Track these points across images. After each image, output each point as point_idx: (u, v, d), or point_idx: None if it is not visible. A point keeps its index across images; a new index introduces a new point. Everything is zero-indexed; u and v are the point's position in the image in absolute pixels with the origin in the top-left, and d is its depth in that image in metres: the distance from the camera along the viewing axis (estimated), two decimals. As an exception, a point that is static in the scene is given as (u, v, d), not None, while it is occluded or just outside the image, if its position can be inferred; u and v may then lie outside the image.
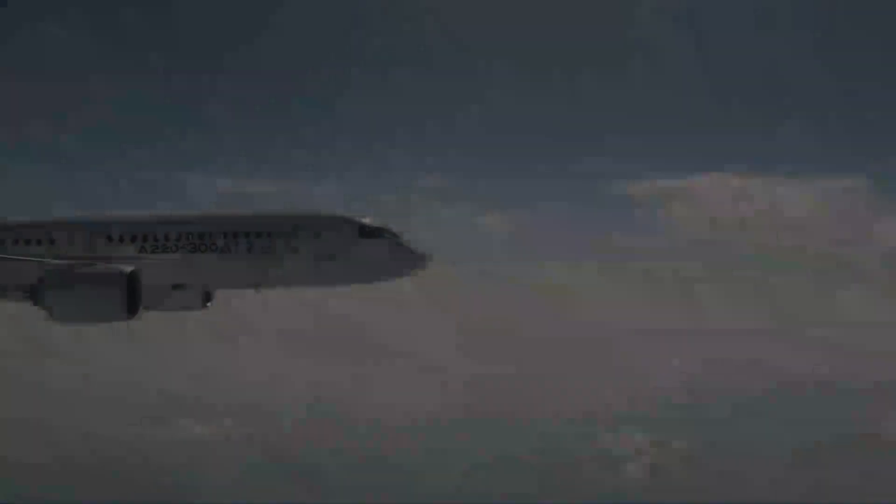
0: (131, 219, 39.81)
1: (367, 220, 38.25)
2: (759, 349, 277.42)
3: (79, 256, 37.42)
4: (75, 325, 36.33)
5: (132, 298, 34.76)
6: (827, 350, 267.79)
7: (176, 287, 39.05)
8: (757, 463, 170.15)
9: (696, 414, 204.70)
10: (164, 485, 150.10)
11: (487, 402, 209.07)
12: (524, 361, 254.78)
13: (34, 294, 36.18)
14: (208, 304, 41.68)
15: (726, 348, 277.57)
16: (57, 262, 36.92)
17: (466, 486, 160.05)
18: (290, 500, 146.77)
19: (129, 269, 35.28)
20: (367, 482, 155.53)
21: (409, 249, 38.04)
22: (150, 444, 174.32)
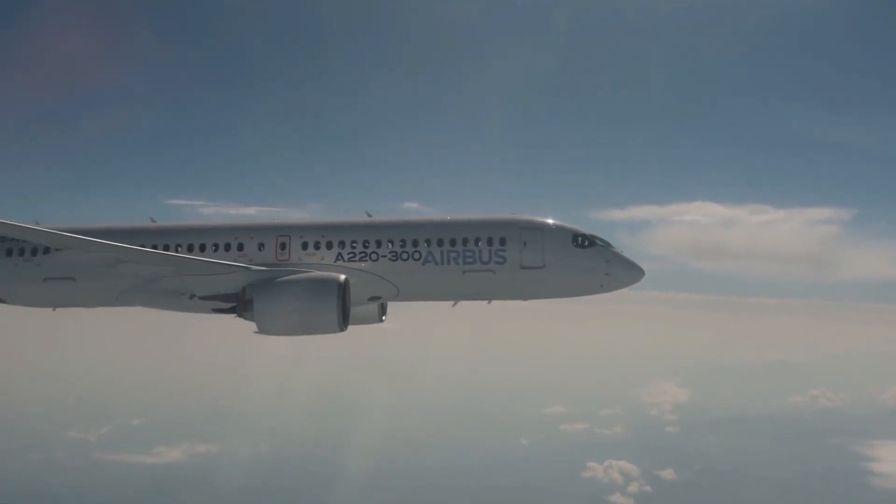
0: (326, 223, 35.83)
1: (579, 228, 34.10)
2: (749, 379, 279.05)
3: (271, 264, 33.43)
4: (283, 338, 32.30)
5: (345, 310, 31.27)
6: (815, 380, 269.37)
7: (372, 299, 34.73)
8: (747, 495, 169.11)
9: (686, 443, 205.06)
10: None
11: (472, 427, 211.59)
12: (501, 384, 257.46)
13: (238, 304, 32.64)
14: (383, 317, 37.73)
15: (714, 378, 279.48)
16: (262, 269, 32.85)
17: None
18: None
19: (341, 276, 31.69)
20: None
21: (626, 260, 33.66)
22: (127, 470, 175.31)
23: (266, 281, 32.01)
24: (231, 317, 34.33)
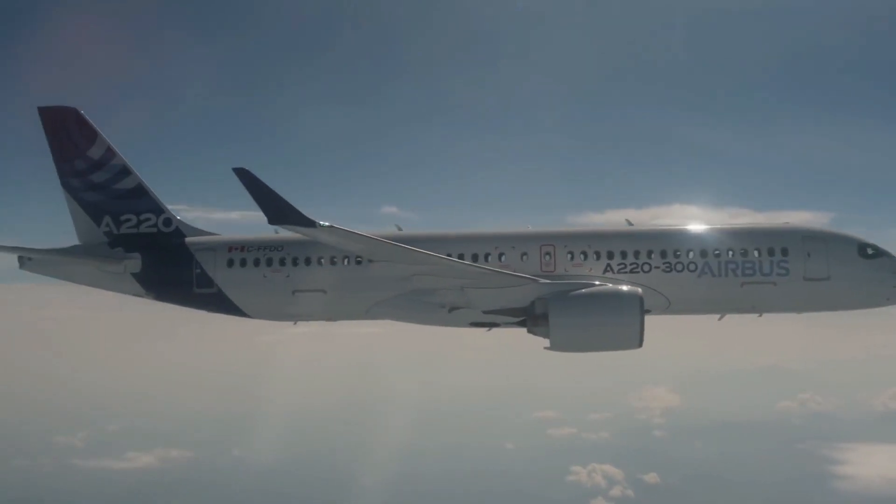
0: (592, 232, 34.16)
1: (863, 238, 32.58)
2: (741, 384, 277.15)
3: (535, 275, 31.80)
4: (576, 353, 31.09)
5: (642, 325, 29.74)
6: (807, 385, 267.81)
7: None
8: (729, 499, 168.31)
9: (672, 448, 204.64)
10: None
11: (459, 433, 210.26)
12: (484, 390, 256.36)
13: (528, 319, 31.26)
14: None
15: (705, 384, 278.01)
16: (551, 282, 31.27)
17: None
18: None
19: (639, 290, 30.54)
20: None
21: None
22: (103, 475, 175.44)
23: (561, 294, 30.41)
24: (482, 331, 33.60)
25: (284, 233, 34.08)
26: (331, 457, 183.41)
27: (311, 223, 27.94)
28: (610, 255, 32.58)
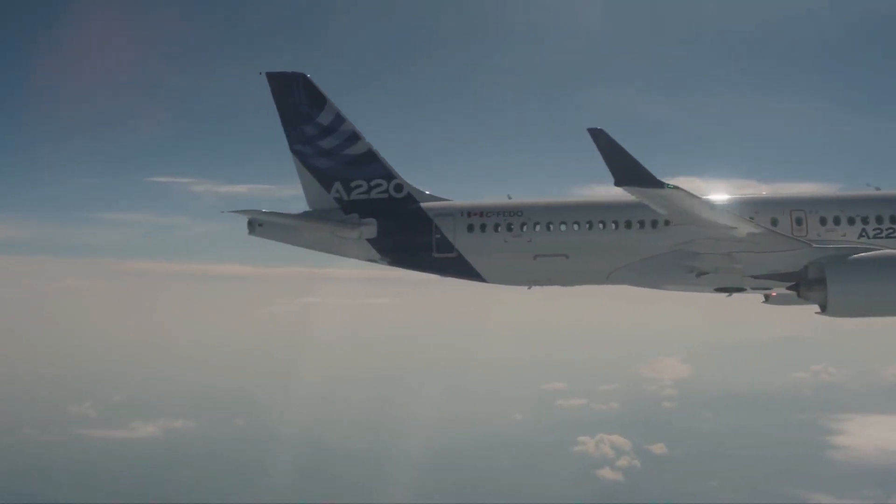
0: (843, 197, 33.81)
1: None
2: (756, 355, 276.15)
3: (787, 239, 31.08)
4: (852, 319, 30.85)
5: None
6: (823, 356, 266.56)
7: None
8: (735, 469, 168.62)
9: (681, 419, 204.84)
10: (128, 484, 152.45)
11: (469, 405, 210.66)
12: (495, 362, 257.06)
13: (802, 283, 30.56)
14: None
15: (719, 355, 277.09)
16: (826, 246, 30.56)
17: (442, 487, 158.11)
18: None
19: None
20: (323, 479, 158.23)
21: None
22: (107, 445, 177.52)
23: (838, 259, 29.66)
24: (723, 296, 33.59)
25: (517, 198, 36.04)
26: (332, 429, 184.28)
27: (660, 184, 27.41)
28: (865, 221, 32.10)
